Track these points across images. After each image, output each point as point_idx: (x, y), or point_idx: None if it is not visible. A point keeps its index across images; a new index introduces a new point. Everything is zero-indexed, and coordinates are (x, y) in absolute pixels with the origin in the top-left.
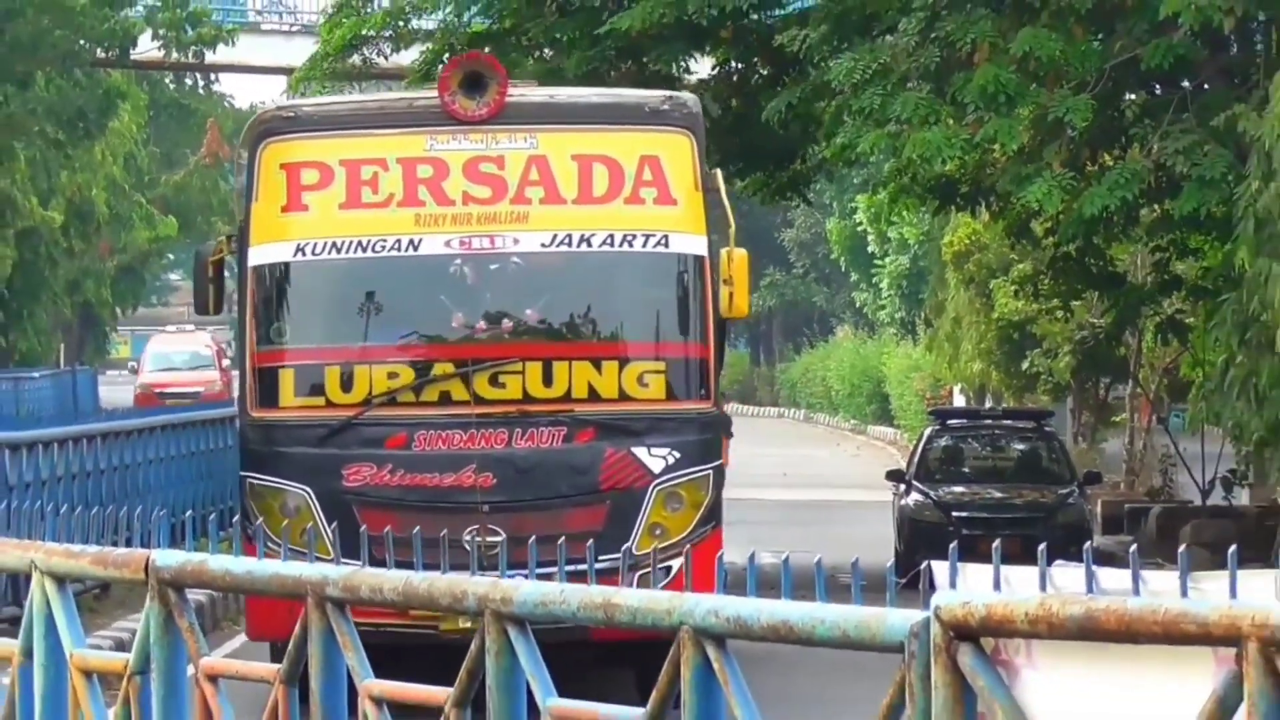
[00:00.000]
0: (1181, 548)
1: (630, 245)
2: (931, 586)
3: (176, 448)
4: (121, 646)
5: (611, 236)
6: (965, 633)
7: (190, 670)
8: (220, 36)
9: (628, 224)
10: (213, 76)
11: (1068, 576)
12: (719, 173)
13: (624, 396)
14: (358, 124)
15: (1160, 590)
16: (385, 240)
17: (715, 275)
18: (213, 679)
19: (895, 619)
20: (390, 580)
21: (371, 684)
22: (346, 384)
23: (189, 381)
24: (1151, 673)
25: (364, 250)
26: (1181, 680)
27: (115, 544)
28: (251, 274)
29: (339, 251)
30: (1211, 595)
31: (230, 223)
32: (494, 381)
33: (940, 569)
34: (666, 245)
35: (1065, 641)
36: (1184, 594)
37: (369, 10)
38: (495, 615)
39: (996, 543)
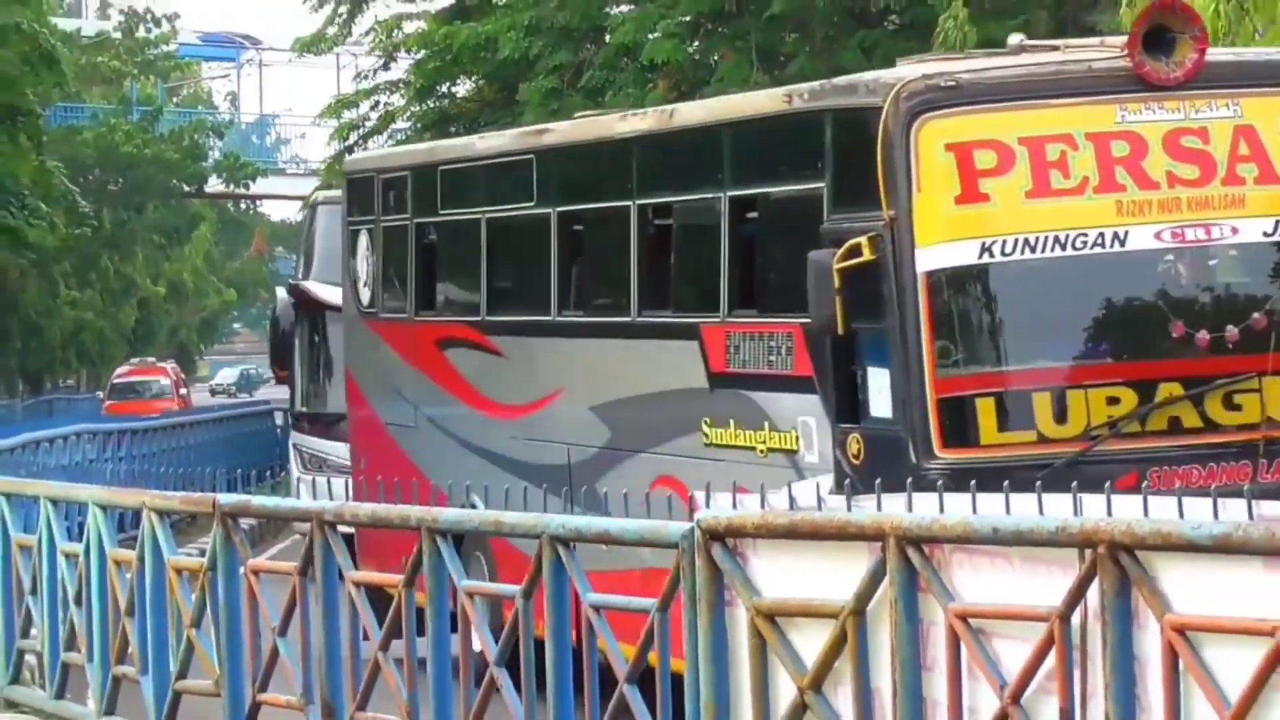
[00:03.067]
0: (847, 481)
1: None
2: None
3: (234, 430)
4: (201, 554)
5: None
6: (716, 535)
7: (242, 569)
8: (259, 173)
9: None
10: (256, 202)
11: (780, 498)
12: None
13: None
14: (1032, 93)
15: (836, 506)
16: (1086, 234)
17: None
18: (255, 573)
19: (674, 527)
20: (364, 509)
21: (352, 574)
22: (1060, 413)
23: (148, 409)
24: (831, 559)
25: (1062, 247)
26: (849, 563)
27: (197, 490)
28: (924, 281)
29: (1033, 250)
30: (868, 508)
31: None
32: (1228, 403)
33: (702, 498)
34: None
35: (778, 540)
36: (849, 509)
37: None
38: (428, 531)
39: (735, 479)
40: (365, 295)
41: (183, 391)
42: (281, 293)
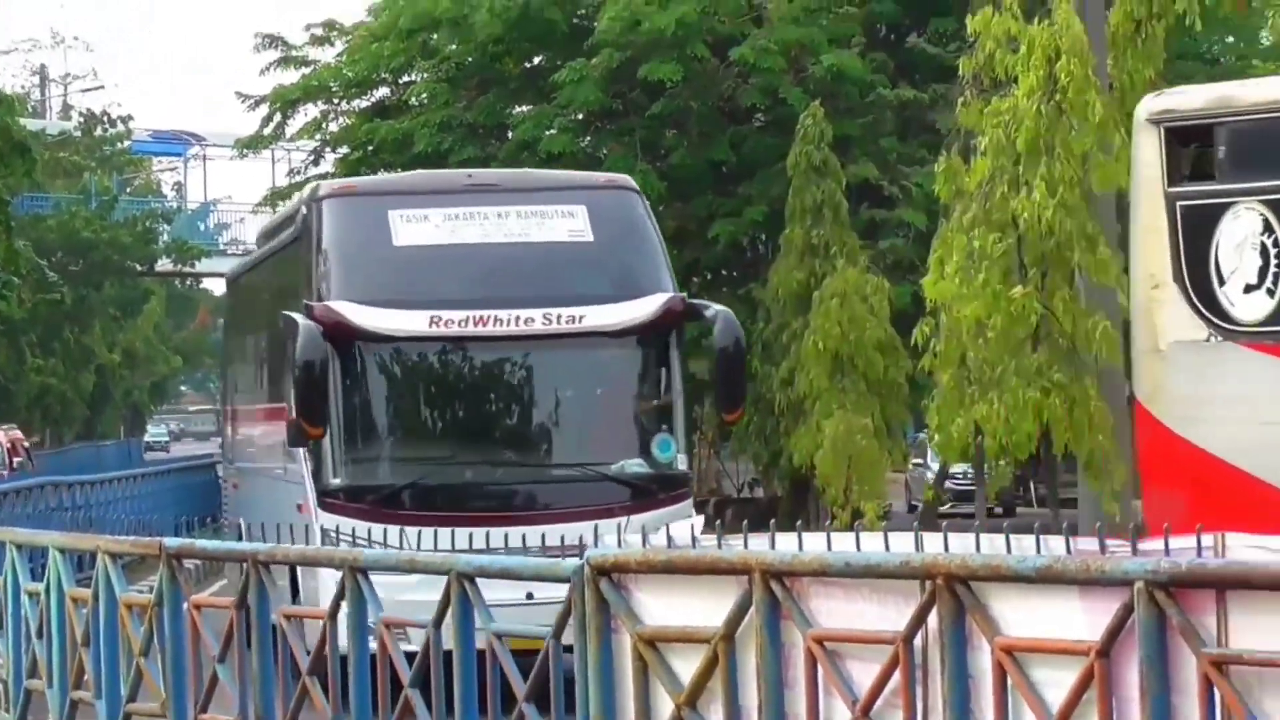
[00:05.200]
0: (717, 522)
1: None
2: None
3: (178, 482)
4: (150, 591)
5: None
6: (603, 570)
7: (185, 604)
8: (202, 254)
9: None
10: (200, 280)
11: (660, 536)
12: None
13: None
14: None
15: (708, 544)
16: None
17: None
18: (198, 607)
19: (567, 564)
20: (294, 550)
21: (282, 608)
22: None
23: None
24: (705, 591)
25: None
26: (720, 594)
27: (147, 534)
28: None
29: None
30: (736, 547)
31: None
32: None
33: (590, 537)
34: None
35: (657, 575)
36: (719, 546)
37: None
38: (350, 569)
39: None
40: (1257, 306)
41: (18, 460)
42: (301, 320)
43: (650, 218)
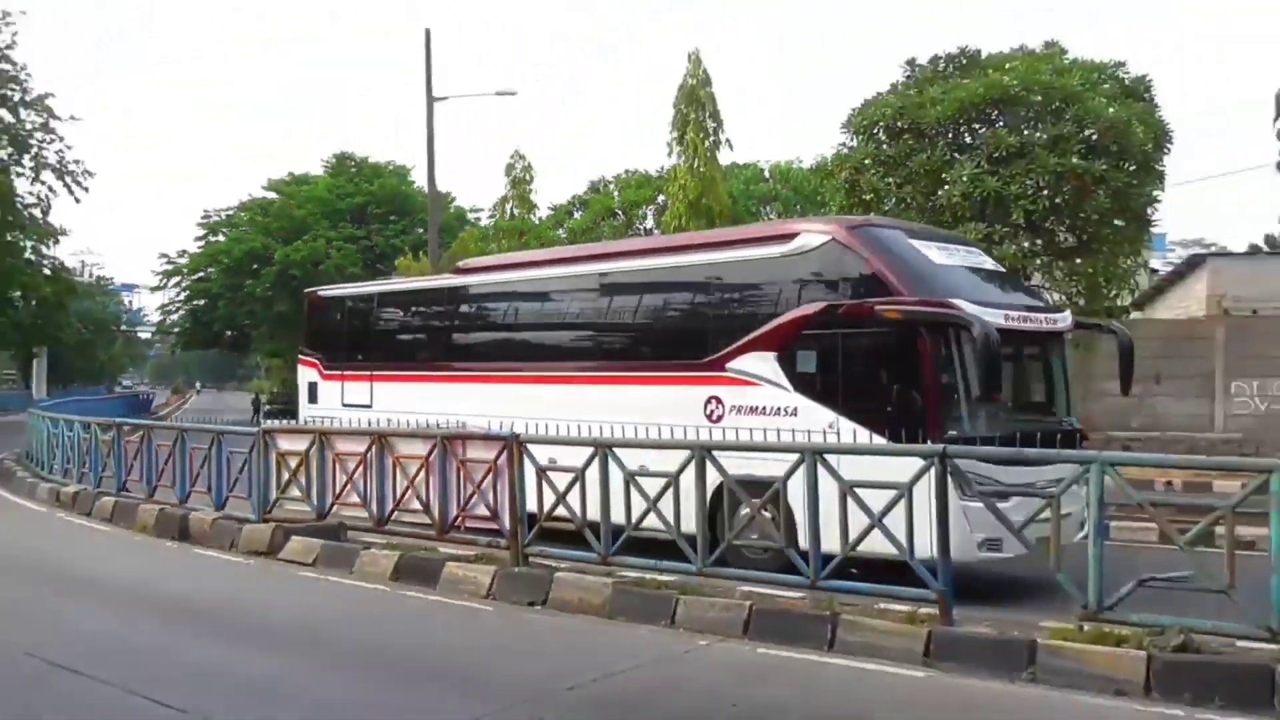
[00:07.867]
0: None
1: None
2: None
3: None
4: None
5: None
6: (269, 432)
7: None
8: None
9: None
10: None
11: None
12: None
13: None
14: None
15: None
16: None
17: None
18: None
19: (263, 425)
20: (283, 425)
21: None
22: None
23: None
24: (354, 439)
25: None
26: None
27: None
28: None
29: None
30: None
31: None
32: None
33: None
34: None
35: (290, 433)
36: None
37: None
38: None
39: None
40: None
41: None
42: (979, 320)
43: None
